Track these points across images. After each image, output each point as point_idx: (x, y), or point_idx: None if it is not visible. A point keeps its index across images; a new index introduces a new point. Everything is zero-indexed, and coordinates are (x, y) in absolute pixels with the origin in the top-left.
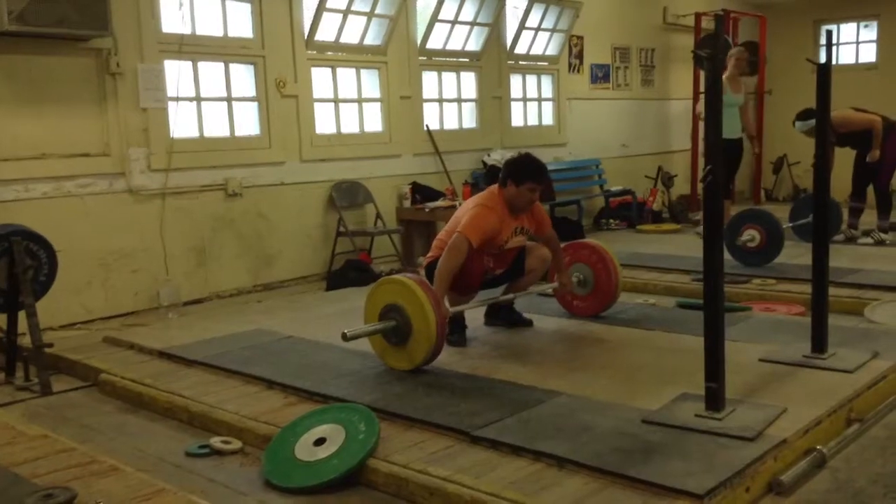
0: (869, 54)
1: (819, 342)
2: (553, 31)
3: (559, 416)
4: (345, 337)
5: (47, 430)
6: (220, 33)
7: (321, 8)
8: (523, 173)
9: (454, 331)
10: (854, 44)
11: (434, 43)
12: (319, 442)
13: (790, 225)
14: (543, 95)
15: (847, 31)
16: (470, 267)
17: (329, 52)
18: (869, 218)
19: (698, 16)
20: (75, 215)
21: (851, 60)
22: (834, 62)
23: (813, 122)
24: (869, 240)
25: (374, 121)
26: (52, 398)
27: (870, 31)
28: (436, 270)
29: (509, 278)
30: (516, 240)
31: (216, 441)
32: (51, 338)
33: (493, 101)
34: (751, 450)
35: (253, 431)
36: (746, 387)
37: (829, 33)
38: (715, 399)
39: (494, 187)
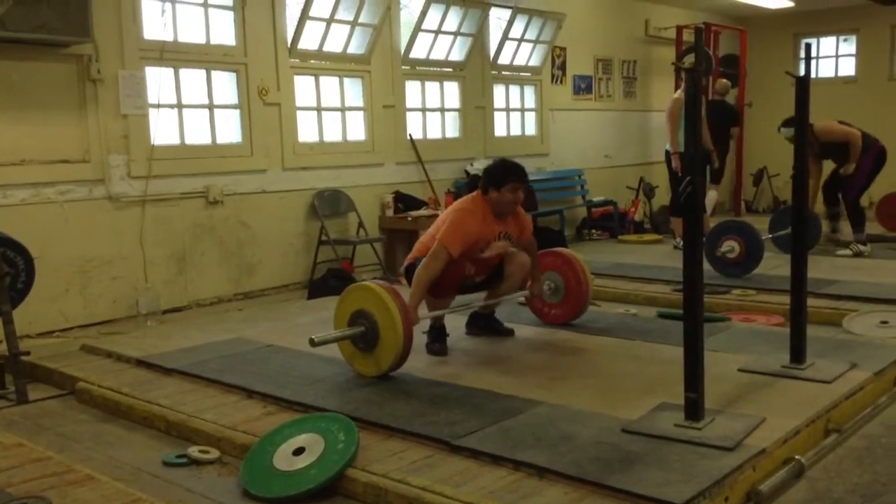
0: (848, 68)
1: (797, 353)
2: (536, 42)
3: (539, 426)
4: (312, 343)
5: (23, 439)
6: (202, 40)
7: (304, 16)
8: (503, 175)
9: (435, 339)
10: (833, 58)
11: (418, 52)
12: (298, 451)
13: (770, 236)
14: (526, 106)
15: (827, 45)
16: (450, 272)
17: (312, 61)
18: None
19: (679, 28)
20: (54, 222)
21: (831, 74)
22: (813, 76)
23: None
24: (848, 251)
25: (356, 129)
26: (29, 406)
27: (849, 45)
28: (413, 277)
29: (489, 284)
30: (500, 245)
31: (194, 450)
32: (28, 345)
33: (477, 110)
34: (730, 459)
35: (231, 441)
36: (725, 397)
37: (809, 47)
38: (694, 409)
39: (477, 192)
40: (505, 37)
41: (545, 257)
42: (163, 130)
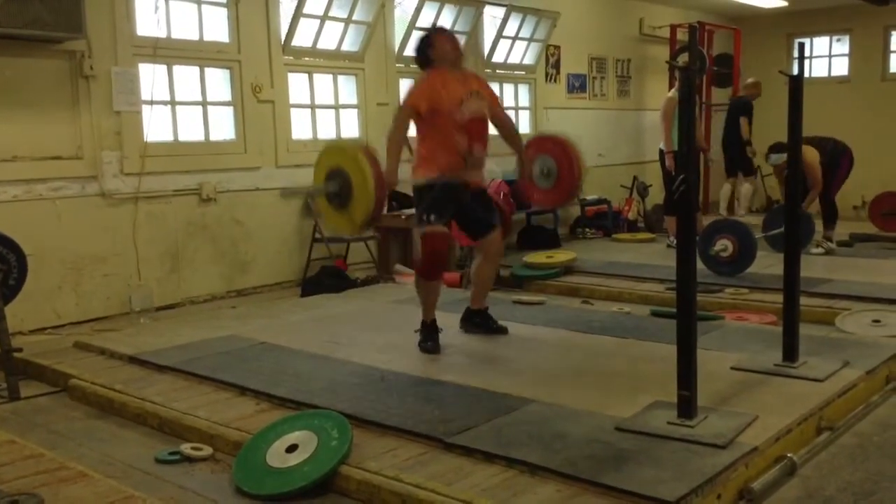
0: (841, 68)
1: (790, 351)
2: (530, 40)
3: (533, 424)
4: (283, 193)
5: (15, 436)
6: (195, 37)
7: (298, 13)
8: (428, 38)
9: (428, 338)
10: (827, 57)
11: (412, 50)
12: (291, 449)
13: (763, 235)
14: (520, 104)
15: (820, 44)
16: (445, 149)
17: (306, 58)
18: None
19: (673, 28)
20: (46, 219)
21: (824, 74)
22: (807, 75)
23: (784, 155)
24: (820, 249)
25: (350, 127)
26: (21, 403)
27: (842, 45)
28: (386, 145)
29: (475, 224)
30: (474, 104)
31: (187, 447)
32: (20, 342)
33: None
34: (722, 457)
35: (224, 438)
36: (718, 395)
37: (802, 46)
38: (687, 407)
39: (425, 72)
40: (499, 35)
41: (541, 142)
42: (156, 127)
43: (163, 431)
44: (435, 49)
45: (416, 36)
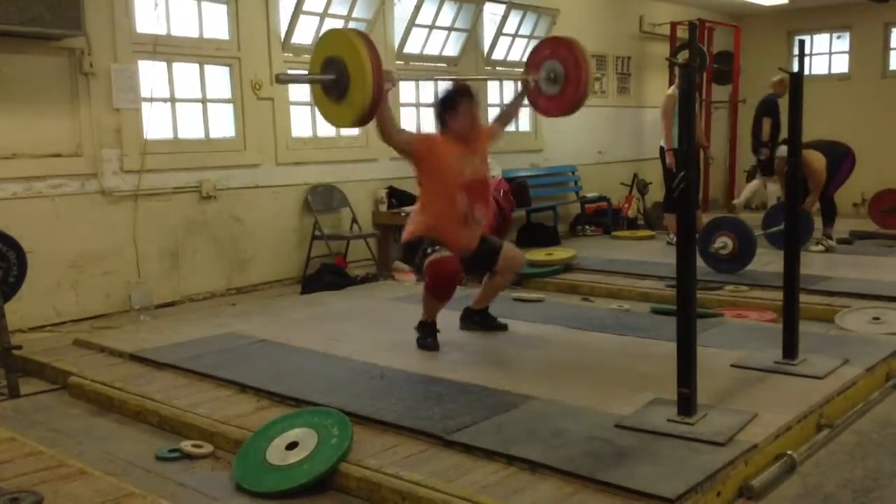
0: (841, 65)
1: (790, 348)
2: (530, 37)
3: (533, 421)
4: (278, 79)
5: (15, 434)
6: (195, 34)
7: (298, 11)
8: (453, 98)
9: (427, 335)
10: (827, 54)
11: (411, 48)
12: (292, 446)
13: (763, 232)
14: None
15: (820, 42)
16: (448, 211)
17: (305, 55)
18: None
19: (673, 25)
20: (46, 216)
21: (824, 71)
22: (807, 72)
23: (784, 148)
24: (820, 247)
25: None
26: (21, 401)
27: (842, 42)
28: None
29: (485, 265)
30: (476, 164)
31: (187, 445)
32: (20, 340)
33: None
34: (722, 455)
35: (224, 435)
36: (718, 392)
37: (802, 43)
38: (687, 404)
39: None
40: (499, 32)
41: (545, 47)
42: (156, 125)
43: (163, 429)
44: (454, 119)
45: (415, 31)
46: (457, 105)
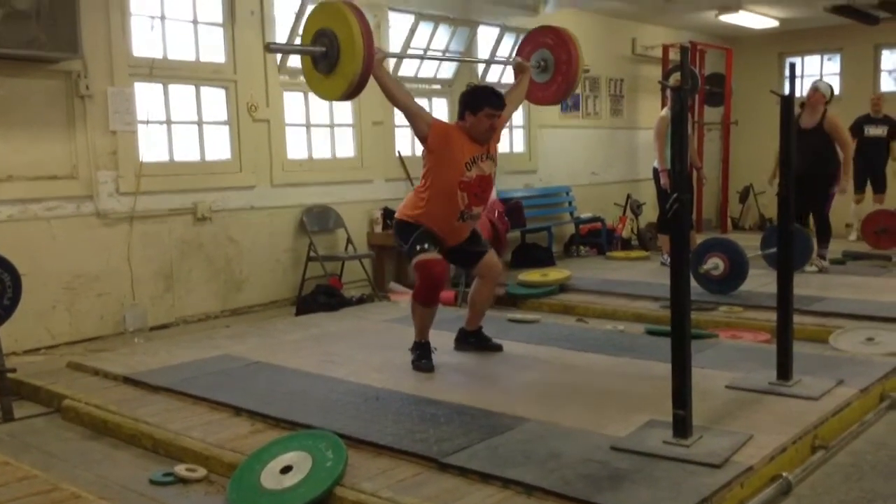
0: (833, 86)
1: (784, 369)
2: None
3: (528, 443)
4: (268, 48)
5: (8, 457)
6: (192, 57)
7: (294, 34)
8: (479, 100)
9: (422, 356)
10: (818, 76)
11: (406, 70)
12: (286, 470)
13: (761, 253)
14: (514, 123)
15: (811, 63)
16: (446, 208)
17: (302, 77)
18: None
19: (665, 47)
20: (41, 238)
21: None
22: (798, 94)
23: None
24: (814, 267)
25: (346, 146)
26: (14, 424)
27: (833, 64)
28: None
29: (465, 259)
30: (484, 165)
31: (181, 469)
32: (14, 363)
33: None
34: (717, 477)
35: (218, 459)
36: (713, 413)
37: (793, 66)
38: (682, 426)
39: (456, 122)
40: (493, 55)
41: (536, 35)
42: (152, 147)
43: (157, 452)
44: (475, 117)
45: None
46: (479, 111)
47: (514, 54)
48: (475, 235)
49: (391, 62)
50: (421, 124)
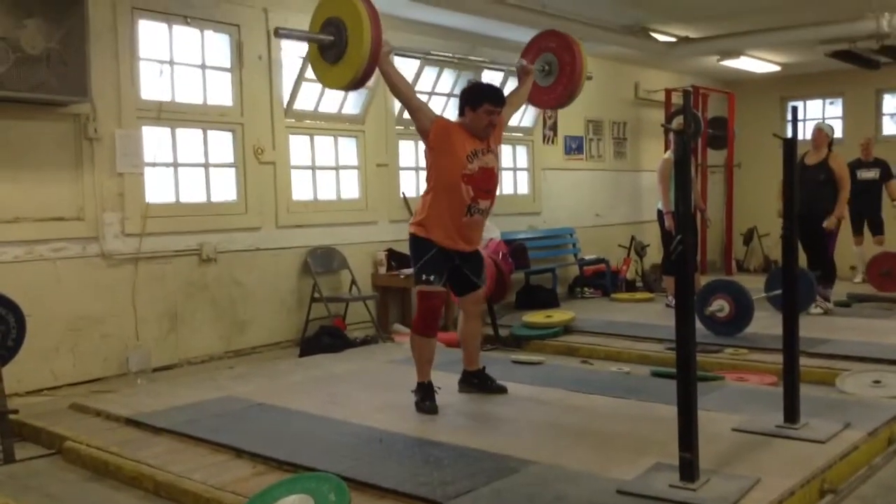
0: (835, 130)
1: (791, 412)
2: (527, 103)
3: (533, 486)
4: (276, 33)
5: (9, 499)
6: (199, 101)
7: (300, 78)
8: (479, 96)
9: (425, 398)
10: (821, 119)
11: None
12: None
13: (765, 295)
14: (518, 165)
15: (813, 107)
16: (452, 203)
17: (307, 121)
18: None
19: (668, 92)
20: (47, 279)
21: None
22: (801, 137)
23: None
24: (818, 309)
25: (350, 188)
26: (15, 466)
27: (835, 108)
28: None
29: (462, 281)
30: (486, 158)
31: None
32: (17, 404)
33: None
34: None
35: (220, 502)
36: (720, 457)
37: (795, 109)
38: (689, 469)
39: (454, 120)
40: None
41: (541, 39)
42: (158, 188)
43: (158, 495)
44: (475, 113)
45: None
46: (478, 107)
47: (518, 58)
48: (480, 262)
49: (397, 103)
50: (423, 119)
